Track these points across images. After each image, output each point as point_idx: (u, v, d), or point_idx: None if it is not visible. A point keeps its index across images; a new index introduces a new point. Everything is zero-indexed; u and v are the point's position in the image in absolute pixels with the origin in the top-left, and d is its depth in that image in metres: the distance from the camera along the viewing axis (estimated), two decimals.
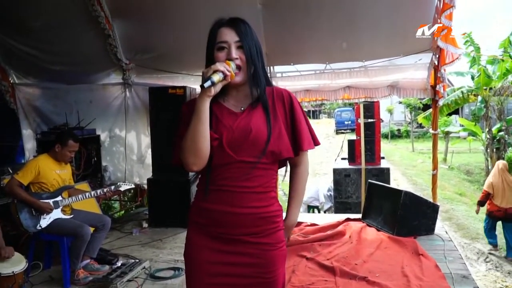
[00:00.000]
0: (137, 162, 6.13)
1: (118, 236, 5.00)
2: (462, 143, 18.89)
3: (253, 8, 4.84)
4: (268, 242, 1.58)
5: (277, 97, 1.63)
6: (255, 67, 1.57)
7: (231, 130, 1.54)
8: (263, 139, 1.54)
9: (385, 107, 26.41)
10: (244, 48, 1.55)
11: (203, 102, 1.49)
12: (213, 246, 1.59)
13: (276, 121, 1.59)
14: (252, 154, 1.54)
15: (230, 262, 1.58)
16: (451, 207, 10.41)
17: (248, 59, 1.55)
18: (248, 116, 1.57)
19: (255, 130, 1.54)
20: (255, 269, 1.57)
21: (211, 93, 1.48)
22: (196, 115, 1.49)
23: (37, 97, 5.79)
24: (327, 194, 8.46)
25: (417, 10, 4.67)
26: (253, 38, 1.59)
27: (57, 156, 3.73)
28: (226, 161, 1.54)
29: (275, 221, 1.61)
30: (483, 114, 13.90)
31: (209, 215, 1.59)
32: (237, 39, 1.55)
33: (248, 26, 1.60)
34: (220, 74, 1.47)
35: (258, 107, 1.59)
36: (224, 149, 1.53)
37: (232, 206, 1.55)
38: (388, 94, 5.57)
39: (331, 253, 4.02)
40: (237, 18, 1.60)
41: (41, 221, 3.55)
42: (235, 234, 1.56)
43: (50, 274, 3.80)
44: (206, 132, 1.51)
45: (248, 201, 1.55)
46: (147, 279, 3.67)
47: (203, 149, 1.51)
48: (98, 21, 5.12)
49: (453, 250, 4.09)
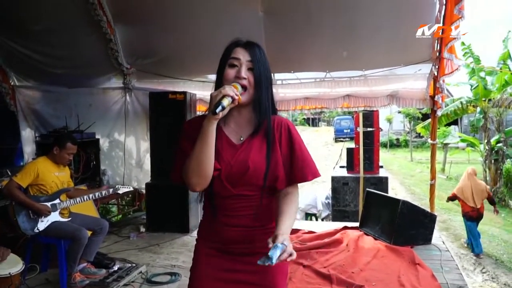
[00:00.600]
0: (135, 167, 6.14)
1: (115, 240, 5.00)
2: (461, 153, 18.92)
3: (254, 16, 4.88)
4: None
5: (277, 127, 1.63)
6: (261, 93, 1.57)
7: (229, 165, 1.56)
8: (261, 175, 1.56)
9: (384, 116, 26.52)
10: (255, 70, 1.56)
11: (210, 125, 1.49)
12: (221, 255, 1.63)
13: (274, 153, 1.59)
14: (250, 188, 1.57)
15: (236, 269, 1.62)
16: (449, 217, 10.41)
17: (257, 82, 1.56)
18: (247, 148, 1.59)
19: (253, 166, 1.55)
20: (259, 277, 1.60)
21: (219, 116, 1.48)
22: (203, 138, 1.49)
23: (37, 100, 5.81)
24: (325, 202, 8.45)
25: (418, 21, 4.69)
26: (265, 65, 1.59)
27: (56, 158, 3.74)
28: (224, 194, 1.58)
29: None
30: (482, 125, 13.94)
31: (214, 233, 1.64)
32: (249, 59, 1.56)
33: (263, 52, 1.61)
34: (229, 99, 1.47)
35: (258, 137, 1.60)
36: (223, 182, 1.56)
37: (234, 227, 1.60)
38: (388, 104, 5.61)
39: (328, 261, 4.03)
40: (255, 42, 1.63)
41: (39, 224, 3.55)
42: (243, 248, 1.61)
43: (46, 277, 3.80)
44: (212, 154, 1.52)
45: (253, 223, 1.60)
46: (144, 283, 3.68)
47: (207, 170, 1.52)
48: (100, 25, 5.16)
49: (449, 260, 4.09)
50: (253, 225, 1.60)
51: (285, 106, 5.86)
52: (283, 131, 1.62)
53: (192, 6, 4.82)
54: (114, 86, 6.06)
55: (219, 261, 1.63)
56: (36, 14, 4.92)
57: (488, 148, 13.57)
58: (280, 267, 1.63)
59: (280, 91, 5.81)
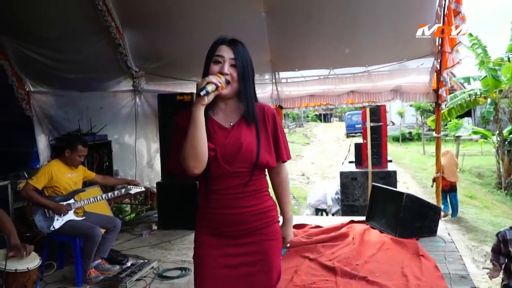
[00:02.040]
0: (146, 167, 6.32)
1: (128, 238, 5.17)
2: (474, 145, 18.74)
3: (257, 16, 5.01)
4: (265, 233, 1.79)
5: (263, 113, 1.81)
6: (245, 86, 1.74)
7: (223, 146, 1.72)
8: (253, 153, 1.73)
9: (396, 110, 26.38)
10: (238, 66, 1.72)
11: (198, 110, 1.65)
12: (220, 243, 1.78)
13: (263, 135, 1.78)
14: (244, 165, 1.73)
15: (235, 254, 1.77)
16: (461, 210, 10.35)
17: (240, 77, 1.73)
18: (238, 131, 1.75)
19: (246, 145, 1.72)
20: (256, 257, 1.77)
21: (205, 101, 1.64)
22: (193, 122, 1.64)
23: (50, 105, 6.01)
24: (334, 197, 8.53)
25: (418, 16, 4.77)
26: (247, 60, 1.76)
27: (67, 160, 3.91)
28: (222, 173, 1.73)
29: (270, 215, 1.82)
30: (493, 117, 13.82)
31: (213, 218, 1.79)
32: (232, 57, 1.72)
33: (246, 49, 1.78)
34: (213, 85, 1.64)
35: (245, 121, 1.77)
36: (219, 162, 1.71)
37: (231, 208, 1.75)
38: (392, 99, 5.67)
39: (334, 254, 4.13)
40: (237, 40, 1.79)
41: (55, 223, 3.73)
42: (238, 230, 1.77)
43: (63, 273, 3.98)
44: (204, 136, 1.66)
45: (245, 203, 1.76)
46: (155, 278, 3.82)
47: (202, 152, 1.66)
48: (109, 31, 5.33)
49: (453, 251, 4.16)
50: (247, 205, 1.75)
51: (291, 104, 5.96)
52: (269, 117, 1.82)
53: (196, 10, 4.96)
54: (124, 89, 6.24)
55: (218, 248, 1.77)
56: (49, 22, 5.12)
57: (500, 139, 13.45)
58: (275, 245, 1.82)
59: (285, 89, 5.92)
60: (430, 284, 3.38)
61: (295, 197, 11.83)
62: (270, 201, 1.85)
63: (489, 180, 14.73)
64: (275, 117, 1.84)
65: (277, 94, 5.90)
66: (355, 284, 3.45)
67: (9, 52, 5.52)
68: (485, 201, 11.87)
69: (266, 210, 1.81)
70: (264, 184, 1.84)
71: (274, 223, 1.84)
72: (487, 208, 10.90)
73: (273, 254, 1.81)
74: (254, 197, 1.77)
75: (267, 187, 1.86)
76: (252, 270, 1.77)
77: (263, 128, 1.79)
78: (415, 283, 3.39)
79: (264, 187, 1.83)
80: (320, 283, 3.50)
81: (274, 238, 1.82)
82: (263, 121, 1.80)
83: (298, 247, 4.30)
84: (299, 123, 38.94)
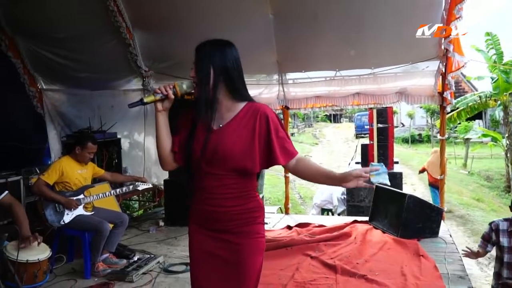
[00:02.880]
0: (154, 164, 6.43)
1: (136, 233, 5.30)
2: (484, 148, 18.63)
3: (265, 18, 5.09)
4: (246, 231, 1.84)
5: (255, 114, 1.80)
6: (201, 88, 1.79)
7: (203, 147, 1.80)
8: (230, 157, 1.77)
9: (406, 111, 26.29)
10: (197, 69, 1.82)
11: (156, 117, 1.88)
12: (206, 233, 1.88)
13: (247, 139, 1.78)
14: (222, 168, 1.80)
15: (217, 246, 1.86)
16: (467, 213, 10.37)
17: (199, 79, 1.80)
18: (221, 133, 1.80)
19: (222, 149, 1.77)
20: (232, 255, 1.84)
21: (160, 108, 1.87)
22: (155, 128, 1.88)
23: (62, 102, 6.14)
24: (340, 197, 8.58)
25: (424, 20, 4.80)
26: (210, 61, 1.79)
27: (78, 157, 4.04)
28: (200, 172, 1.84)
29: (251, 216, 1.86)
30: (503, 119, 13.75)
31: (197, 214, 1.91)
32: (194, 61, 1.85)
33: (208, 50, 1.83)
34: (157, 95, 1.84)
35: (233, 124, 1.82)
36: (197, 162, 1.82)
37: (211, 206, 1.84)
38: (397, 101, 5.72)
39: (335, 253, 4.21)
40: (205, 42, 1.87)
41: (65, 217, 3.87)
42: (217, 226, 1.85)
43: (72, 266, 4.12)
44: (163, 140, 1.88)
45: (224, 202, 1.83)
46: (161, 272, 3.94)
47: (162, 155, 1.90)
48: (119, 31, 5.47)
49: (454, 252, 4.22)
50: (228, 205, 1.81)
51: (297, 105, 6.04)
52: (262, 118, 1.80)
53: (205, 11, 5.05)
54: (134, 88, 6.37)
55: (203, 237, 1.88)
56: (61, 23, 5.25)
57: (509, 142, 13.39)
58: (254, 244, 1.85)
59: (291, 90, 5.99)
60: (428, 283, 3.45)
61: (302, 196, 11.91)
62: (253, 203, 1.86)
63: (498, 183, 14.64)
64: (268, 118, 1.80)
65: (284, 95, 5.97)
66: (355, 282, 3.53)
67: (22, 51, 5.66)
68: (493, 204, 11.83)
69: (247, 211, 1.84)
70: (248, 186, 1.85)
71: (255, 224, 1.86)
72: (494, 211, 10.86)
73: (250, 253, 1.84)
74: (235, 199, 1.82)
75: (251, 189, 1.87)
76: (228, 266, 1.84)
77: (250, 131, 1.79)
78: (413, 282, 3.46)
79: (247, 189, 1.84)
80: (320, 280, 3.59)
81: (253, 237, 1.85)
82: (253, 124, 1.79)
83: (300, 245, 4.39)
84: (308, 123, 38.95)
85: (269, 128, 1.79)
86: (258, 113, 1.81)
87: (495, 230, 3.52)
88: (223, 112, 1.84)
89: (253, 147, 1.78)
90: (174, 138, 1.90)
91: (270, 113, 1.83)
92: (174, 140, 1.89)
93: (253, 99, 1.89)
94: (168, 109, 1.89)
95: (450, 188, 11.50)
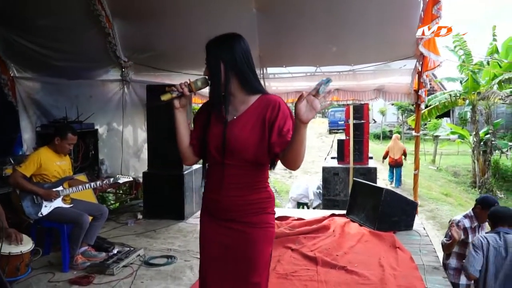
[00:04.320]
0: (133, 156, 6.36)
1: (114, 226, 5.23)
2: (451, 145, 19.26)
3: (248, 13, 5.07)
4: (253, 222, 1.87)
5: (267, 106, 1.81)
6: (214, 83, 1.83)
7: (218, 138, 1.83)
8: (243, 148, 1.81)
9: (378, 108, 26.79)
10: (209, 67, 1.85)
11: (174, 114, 1.92)
12: (217, 223, 1.93)
13: (259, 130, 1.80)
14: (235, 159, 1.83)
15: (226, 234, 1.90)
16: (436, 207, 10.73)
17: (213, 76, 1.84)
18: (234, 124, 1.83)
19: (236, 139, 1.80)
20: (241, 245, 1.87)
21: (177, 106, 1.90)
22: (174, 125, 1.92)
23: (37, 91, 5.93)
24: (316, 191, 8.74)
25: (403, 19, 4.91)
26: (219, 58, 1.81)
27: (57, 148, 3.94)
28: (214, 162, 1.89)
29: (261, 206, 1.89)
30: (471, 118, 14.25)
31: (208, 202, 1.96)
32: (205, 58, 1.87)
33: (216, 47, 1.83)
34: (174, 93, 1.86)
35: (246, 116, 1.84)
36: (212, 153, 1.86)
37: (222, 196, 1.87)
38: (375, 97, 5.86)
39: (315, 245, 4.30)
40: (211, 40, 1.87)
41: (43, 209, 3.78)
42: (226, 216, 1.89)
43: (49, 259, 4.03)
44: (181, 137, 1.94)
45: (235, 192, 1.86)
46: (142, 265, 3.92)
47: (182, 150, 1.96)
48: (98, 19, 5.32)
49: (428, 244, 4.38)
50: (240, 195, 1.85)
51: None
52: (275, 109, 1.80)
53: (188, 2, 5.00)
54: (112, 79, 6.25)
55: (215, 227, 1.92)
56: (38, 9, 5.07)
57: (476, 140, 13.89)
58: (265, 235, 1.89)
59: (272, 84, 6.04)
60: (405, 274, 3.57)
61: (277, 190, 12.00)
62: (264, 193, 1.89)
63: (464, 179, 15.21)
64: (279, 109, 1.79)
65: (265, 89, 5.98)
66: (335, 273, 3.63)
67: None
68: (460, 199, 12.29)
69: (257, 202, 1.87)
70: (260, 177, 1.88)
71: (265, 214, 1.89)
72: (461, 205, 11.28)
73: (260, 243, 1.87)
74: (246, 189, 1.85)
75: (263, 180, 1.90)
76: (238, 256, 1.87)
77: (261, 122, 1.80)
78: (391, 273, 3.58)
79: (258, 180, 1.88)
80: (301, 272, 3.66)
81: (262, 227, 1.87)
82: (264, 115, 1.80)
83: (281, 238, 4.45)
84: None
85: (278, 117, 1.79)
86: (270, 104, 1.82)
87: (463, 229, 3.76)
88: (237, 105, 1.87)
89: (265, 138, 1.81)
90: (191, 132, 1.97)
91: (282, 104, 1.84)
92: (191, 134, 1.96)
93: (266, 91, 1.91)
94: (185, 107, 1.93)
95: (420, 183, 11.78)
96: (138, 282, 3.58)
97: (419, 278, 3.47)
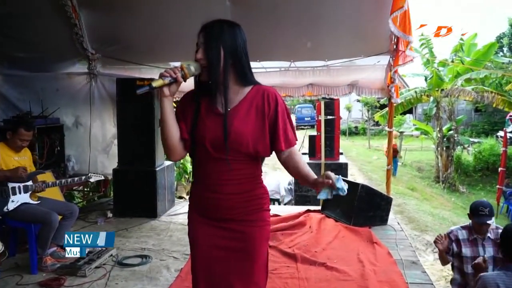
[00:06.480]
0: (101, 152, 6.11)
1: (82, 225, 5.01)
2: (415, 141, 19.84)
3: (221, 5, 4.95)
4: (251, 220, 1.78)
5: (263, 97, 1.74)
6: (212, 70, 1.68)
7: (213, 131, 1.70)
8: (242, 141, 1.69)
9: (344, 105, 27.21)
10: (207, 50, 1.69)
11: (162, 103, 1.69)
12: (209, 223, 1.79)
13: (258, 122, 1.72)
14: (232, 152, 1.70)
15: (221, 236, 1.78)
16: (403, 201, 10.99)
17: (209, 61, 1.68)
18: (230, 117, 1.70)
19: (234, 132, 1.68)
20: (239, 244, 1.77)
21: (166, 93, 1.68)
22: (161, 115, 1.71)
23: (0, 84, 5.62)
24: (287, 187, 8.74)
25: (377, 14, 4.94)
26: (220, 42, 1.68)
27: (10, 143, 3.74)
28: (208, 158, 1.73)
29: (258, 202, 1.80)
30: (435, 114, 14.68)
31: (199, 201, 1.81)
32: (202, 41, 1.71)
33: (218, 30, 1.70)
34: (166, 79, 1.65)
35: (242, 107, 1.73)
36: (206, 148, 1.71)
37: (216, 193, 1.75)
38: (348, 92, 5.88)
39: (293, 242, 4.27)
40: (213, 21, 1.74)
41: (9, 204, 3.56)
42: (221, 214, 1.77)
43: (16, 261, 3.82)
44: (171, 129, 1.72)
45: (230, 189, 1.74)
46: (115, 266, 3.76)
47: (171, 144, 1.73)
48: (64, 9, 5.09)
49: (403, 239, 4.43)
50: (235, 191, 1.74)
51: None
52: (271, 101, 1.74)
53: None
54: (78, 72, 5.98)
55: (207, 227, 1.79)
56: None
57: (440, 135, 14.34)
58: (260, 232, 1.80)
59: None
60: (384, 269, 3.59)
61: None
62: (260, 189, 1.82)
63: (428, 174, 15.69)
64: (277, 101, 1.74)
65: None
66: (315, 269, 3.60)
67: None
68: (425, 194, 12.65)
69: (253, 198, 1.78)
70: (255, 171, 1.80)
71: (261, 211, 1.81)
72: (426, 200, 11.62)
73: (257, 241, 1.79)
74: (242, 184, 1.75)
75: (258, 175, 1.82)
76: (235, 255, 1.77)
77: (259, 114, 1.72)
78: (371, 268, 3.59)
79: (254, 174, 1.79)
80: (282, 269, 3.62)
81: (259, 225, 1.80)
82: (262, 106, 1.73)
83: None
84: None
85: (277, 110, 1.74)
86: (266, 96, 1.75)
87: (455, 240, 3.30)
88: (231, 96, 1.75)
89: (264, 130, 1.72)
90: (180, 125, 1.75)
91: (278, 96, 1.77)
92: (181, 127, 1.75)
93: (259, 83, 1.81)
94: (174, 94, 1.72)
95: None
96: (113, 283, 3.43)
97: (398, 273, 3.49)
